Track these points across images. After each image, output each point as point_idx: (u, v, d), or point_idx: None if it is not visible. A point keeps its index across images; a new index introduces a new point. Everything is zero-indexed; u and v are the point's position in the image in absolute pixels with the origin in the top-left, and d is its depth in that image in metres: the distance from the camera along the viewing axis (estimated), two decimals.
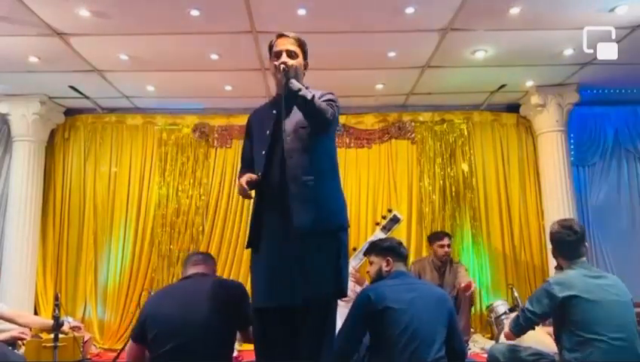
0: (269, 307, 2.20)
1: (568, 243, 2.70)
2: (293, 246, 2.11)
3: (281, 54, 2.31)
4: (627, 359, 2.44)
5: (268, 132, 2.31)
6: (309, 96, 2.17)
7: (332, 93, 2.36)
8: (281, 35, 2.38)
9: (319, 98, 2.26)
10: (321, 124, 2.24)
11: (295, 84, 2.19)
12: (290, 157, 2.22)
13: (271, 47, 2.41)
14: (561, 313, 2.56)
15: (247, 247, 2.35)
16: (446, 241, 4.77)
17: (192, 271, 2.67)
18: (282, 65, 2.23)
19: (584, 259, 2.73)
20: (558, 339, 2.63)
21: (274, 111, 2.34)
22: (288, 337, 2.24)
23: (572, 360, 2.50)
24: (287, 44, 2.34)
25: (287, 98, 2.21)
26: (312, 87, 2.32)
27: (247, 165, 2.45)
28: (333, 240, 2.25)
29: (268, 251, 2.24)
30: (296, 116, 2.27)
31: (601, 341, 2.46)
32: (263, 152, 2.29)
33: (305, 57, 2.41)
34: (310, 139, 2.25)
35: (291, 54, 2.33)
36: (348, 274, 2.31)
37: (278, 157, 2.24)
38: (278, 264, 2.16)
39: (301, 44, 2.39)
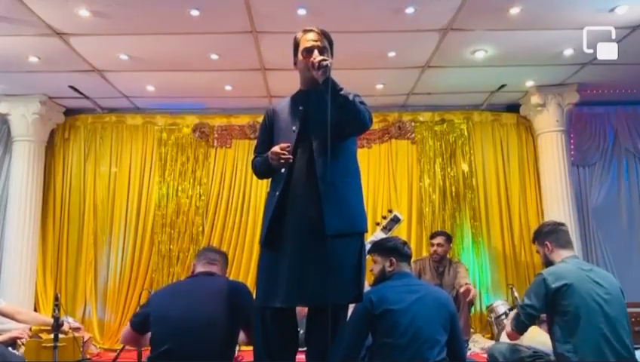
0: (286, 306, 2.16)
1: (563, 233, 2.83)
2: (319, 247, 2.09)
3: (312, 50, 2.24)
4: (616, 351, 2.48)
5: (294, 128, 2.24)
6: (351, 97, 2.12)
7: (359, 95, 2.28)
8: (309, 30, 2.31)
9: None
10: (359, 126, 2.20)
11: (337, 83, 2.13)
12: (319, 156, 2.16)
13: (296, 42, 2.34)
14: (554, 303, 2.59)
15: (263, 244, 2.27)
16: (436, 241, 4.74)
17: (200, 269, 2.66)
18: (325, 63, 2.14)
19: (575, 253, 2.85)
20: (550, 332, 2.65)
21: (300, 108, 2.27)
22: (291, 337, 2.24)
23: (564, 352, 2.53)
24: (317, 41, 2.28)
25: (321, 96, 2.13)
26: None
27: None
28: (357, 242, 2.22)
29: (290, 251, 2.16)
30: (325, 116, 2.16)
31: (592, 332, 2.49)
32: (289, 148, 2.22)
33: (332, 53, 2.35)
34: (339, 140, 2.20)
35: (322, 51, 2.26)
36: (365, 277, 2.28)
37: (305, 156, 2.19)
38: (302, 264, 2.11)
39: (329, 40, 2.34)
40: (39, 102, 5.28)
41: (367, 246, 4.33)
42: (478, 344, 4.70)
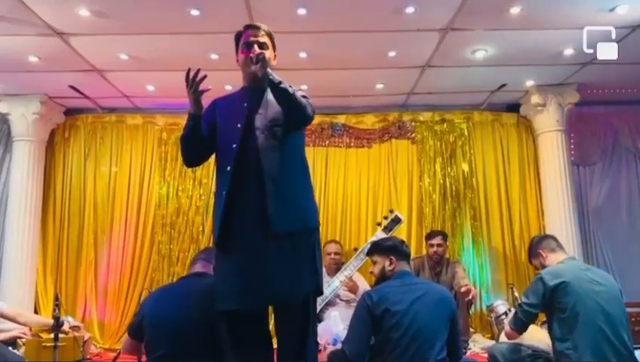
0: (244, 309, 2.10)
1: (551, 239, 2.98)
2: (270, 247, 2.06)
3: (252, 45, 2.24)
4: (616, 348, 2.50)
5: (239, 125, 2.20)
6: (292, 90, 2.10)
7: (301, 89, 2.25)
8: (250, 26, 2.32)
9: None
10: (302, 120, 2.16)
11: (275, 76, 2.11)
12: (265, 155, 2.12)
13: (238, 38, 2.36)
14: (552, 301, 2.62)
15: (217, 247, 2.23)
16: (435, 241, 4.73)
17: (192, 269, 2.69)
18: (260, 56, 2.15)
19: (570, 255, 2.95)
20: (549, 330, 2.68)
21: (245, 105, 2.26)
22: (260, 339, 2.18)
23: (564, 349, 2.55)
24: (257, 36, 2.28)
25: (261, 91, 2.15)
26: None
27: None
28: (309, 239, 2.18)
29: (241, 252, 2.11)
30: (270, 112, 2.18)
31: (591, 330, 2.51)
32: (234, 145, 2.17)
33: (274, 50, 2.34)
34: (284, 137, 2.17)
35: (262, 46, 2.26)
36: (323, 272, 2.25)
37: (250, 154, 2.14)
38: (254, 265, 2.08)
39: (271, 37, 2.33)
40: (39, 102, 5.27)
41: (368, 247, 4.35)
42: (478, 344, 4.70)
